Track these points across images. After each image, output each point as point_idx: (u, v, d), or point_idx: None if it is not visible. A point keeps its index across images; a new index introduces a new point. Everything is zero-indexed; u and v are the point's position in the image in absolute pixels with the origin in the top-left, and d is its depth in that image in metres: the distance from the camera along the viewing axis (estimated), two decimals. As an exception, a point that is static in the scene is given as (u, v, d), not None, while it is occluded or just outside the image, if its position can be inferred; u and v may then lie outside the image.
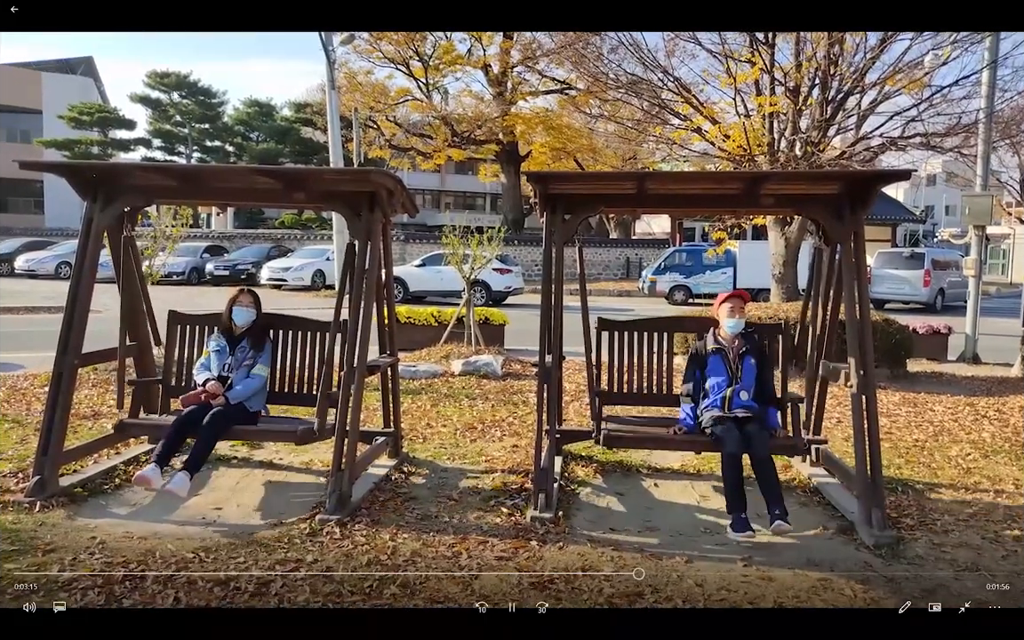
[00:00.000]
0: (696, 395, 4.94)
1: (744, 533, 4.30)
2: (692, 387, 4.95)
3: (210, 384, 4.89)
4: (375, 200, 4.85)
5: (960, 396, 8.66)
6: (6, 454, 5.44)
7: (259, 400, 5.09)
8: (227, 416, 4.79)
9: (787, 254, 11.99)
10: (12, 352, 10.01)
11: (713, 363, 4.90)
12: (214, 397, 4.83)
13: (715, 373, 4.87)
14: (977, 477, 5.62)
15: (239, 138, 46.85)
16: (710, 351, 4.93)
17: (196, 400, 4.83)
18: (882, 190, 5.26)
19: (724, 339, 4.94)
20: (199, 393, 4.86)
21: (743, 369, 4.83)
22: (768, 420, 4.86)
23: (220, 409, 4.78)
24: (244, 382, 4.96)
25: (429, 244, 27.43)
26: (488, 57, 32.34)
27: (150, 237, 9.09)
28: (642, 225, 42.54)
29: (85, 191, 4.93)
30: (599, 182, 6.40)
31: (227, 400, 4.85)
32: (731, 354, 4.88)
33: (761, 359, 4.96)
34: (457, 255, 10.75)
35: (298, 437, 4.86)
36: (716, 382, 4.84)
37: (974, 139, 11.79)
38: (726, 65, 11.69)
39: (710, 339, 5.00)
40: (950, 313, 18.29)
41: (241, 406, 4.93)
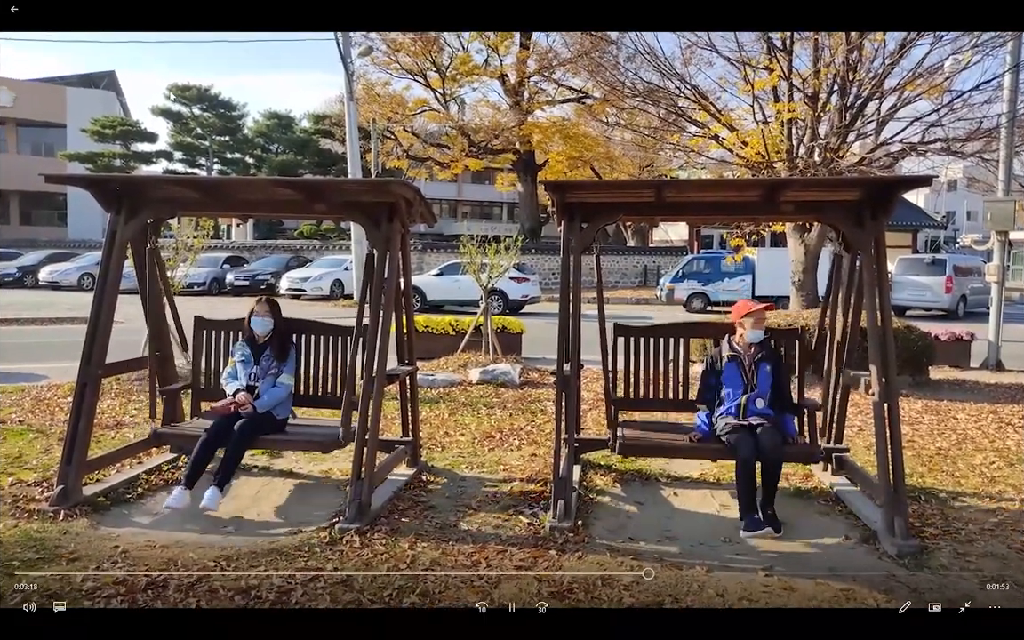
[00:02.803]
0: (712, 402, 4.95)
1: (756, 531, 4.38)
2: (708, 394, 4.97)
3: (239, 395, 4.96)
4: (394, 210, 4.87)
5: (983, 403, 8.55)
6: (31, 463, 5.52)
7: (285, 407, 5.16)
8: (255, 426, 4.87)
9: (806, 261, 11.91)
10: (36, 363, 10.15)
11: (728, 370, 4.90)
12: (242, 407, 4.90)
13: (730, 380, 4.87)
14: (1002, 486, 5.54)
15: (259, 150, 47.26)
16: (725, 358, 4.94)
17: (225, 411, 4.90)
18: (902, 196, 5.22)
19: (740, 346, 4.93)
20: (228, 403, 4.94)
21: (759, 376, 4.83)
22: (785, 427, 4.85)
23: (248, 420, 4.85)
24: (270, 392, 5.03)
25: (447, 253, 27.52)
26: (505, 67, 32.45)
27: (171, 248, 9.19)
28: (659, 233, 42.37)
29: (109, 203, 5.00)
30: (617, 190, 6.39)
31: (255, 409, 4.92)
32: (747, 361, 4.87)
33: (777, 366, 4.95)
34: (474, 264, 10.78)
35: (324, 447, 4.96)
36: (731, 390, 4.84)
37: (996, 144, 11.66)
38: (743, 72, 11.66)
39: (725, 346, 5.00)
40: (972, 319, 18.09)
41: (269, 414, 5.00)
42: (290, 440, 5.17)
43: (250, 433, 4.83)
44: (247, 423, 4.83)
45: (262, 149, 47.26)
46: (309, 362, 5.45)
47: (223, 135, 46.66)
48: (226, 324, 5.60)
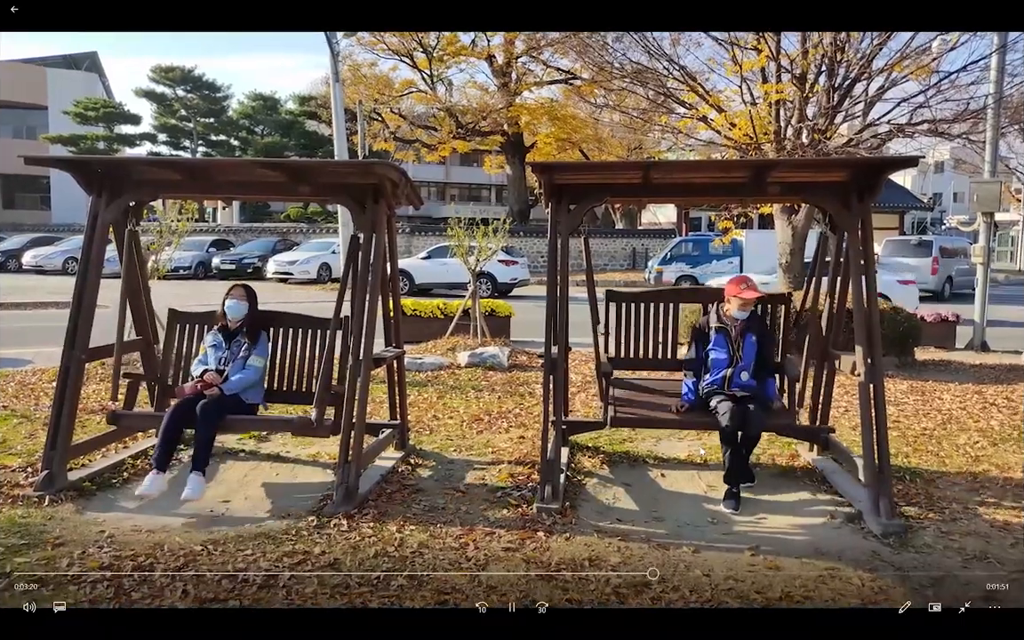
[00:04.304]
0: (698, 371, 5.03)
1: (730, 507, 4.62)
2: (695, 364, 5.05)
3: (207, 374, 4.85)
4: (379, 192, 4.84)
5: (968, 384, 8.62)
6: (15, 449, 5.48)
7: (257, 393, 5.03)
8: (219, 406, 4.72)
9: (794, 242, 11.92)
10: (20, 347, 10.05)
11: (716, 340, 4.98)
12: (208, 387, 4.79)
13: (717, 350, 4.95)
14: (985, 465, 5.60)
15: (244, 132, 46.81)
16: (713, 328, 5.00)
17: (192, 392, 4.79)
18: (889, 177, 5.23)
19: (727, 318, 4.96)
20: (194, 384, 4.84)
21: (744, 347, 4.91)
22: (766, 391, 5.02)
23: (211, 399, 4.72)
24: (240, 373, 4.91)
25: (435, 236, 27.40)
26: (492, 48, 32.20)
27: (156, 232, 9.10)
28: (648, 215, 42.37)
29: (90, 186, 4.93)
30: (604, 172, 6.36)
31: (221, 391, 4.79)
32: (733, 332, 4.94)
33: (762, 336, 5.05)
34: (463, 247, 10.74)
35: (294, 427, 4.88)
36: (717, 358, 4.93)
37: (982, 125, 11.68)
38: (732, 53, 11.61)
39: (713, 316, 5.05)
40: (958, 301, 18.20)
41: (236, 397, 4.86)
42: (260, 421, 5.12)
43: (215, 413, 4.67)
44: (210, 402, 4.70)
45: (247, 131, 46.80)
46: (285, 355, 5.27)
47: (207, 117, 46.16)
48: (200, 317, 5.41)
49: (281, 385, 5.27)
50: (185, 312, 5.49)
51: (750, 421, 4.72)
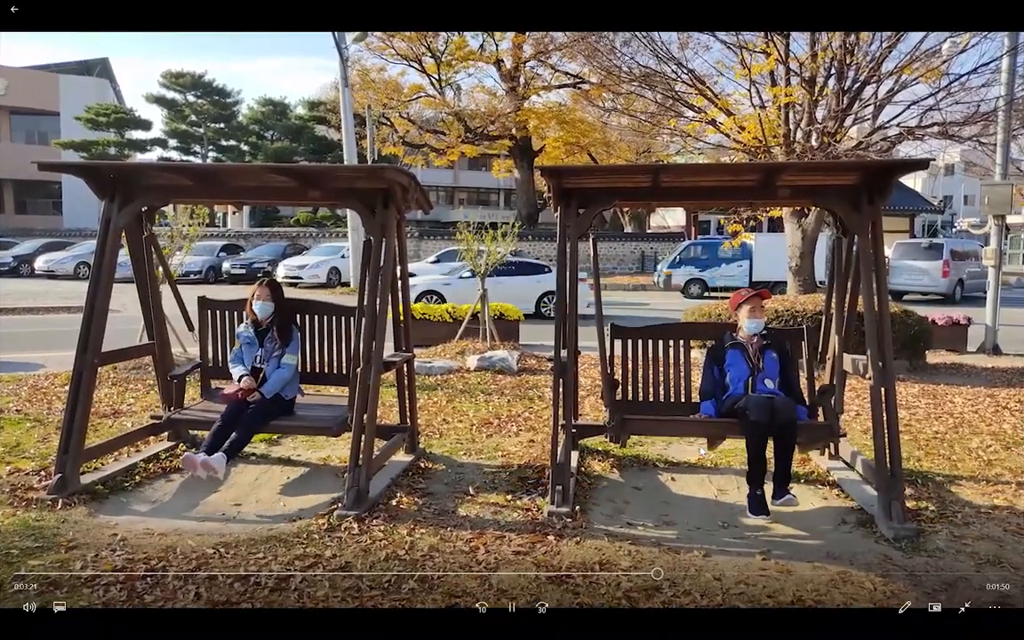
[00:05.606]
0: (715, 392, 4.89)
1: (759, 516, 4.37)
2: (710, 385, 4.91)
3: (244, 381, 5.05)
4: (389, 196, 4.86)
5: (980, 387, 8.57)
6: (28, 452, 5.51)
7: (293, 387, 5.27)
8: (264, 413, 5.00)
9: (804, 246, 11.89)
10: (33, 352, 10.13)
11: (732, 357, 4.85)
12: (250, 395, 5.00)
13: (735, 366, 4.82)
14: (998, 469, 5.56)
15: (254, 137, 47.09)
16: (728, 345, 4.89)
17: (234, 399, 4.99)
18: (900, 180, 5.19)
19: (743, 338, 4.91)
20: (235, 392, 5.02)
21: (764, 361, 4.79)
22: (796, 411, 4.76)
23: (257, 407, 4.98)
24: (275, 374, 5.13)
25: (444, 240, 27.44)
26: (500, 52, 32.30)
27: (167, 236, 9.17)
28: (657, 219, 42.32)
29: (103, 191, 4.97)
30: (613, 175, 6.36)
31: (263, 396, 5.01)
32: (751, 349, 4.84)
33: (784, 357, 4.89)
34: (471, 251, 10.76)
35: (334, 431, 5.01)
36: (736, 374, 4.79)
37: (993, 127, 11.62)
38: (740, 56, 11.60)
39: (727, 337, 4.97)
40: (969, 304, 18.11)
41: (277, 397, 5.11)
42: (301, 426, 5.29)
43: (260, 419, 4.98)
44: (256, 410, 4.97)
45: (257, 136, 47.09)
46: (313, 341, 5.56)
47: (218, 122, 46.48)
48: (229, 304, 5.69)
49: (312, 368, 5.56)
50: (215, 300, 5.76)
51: (781, 407, 4.43)
